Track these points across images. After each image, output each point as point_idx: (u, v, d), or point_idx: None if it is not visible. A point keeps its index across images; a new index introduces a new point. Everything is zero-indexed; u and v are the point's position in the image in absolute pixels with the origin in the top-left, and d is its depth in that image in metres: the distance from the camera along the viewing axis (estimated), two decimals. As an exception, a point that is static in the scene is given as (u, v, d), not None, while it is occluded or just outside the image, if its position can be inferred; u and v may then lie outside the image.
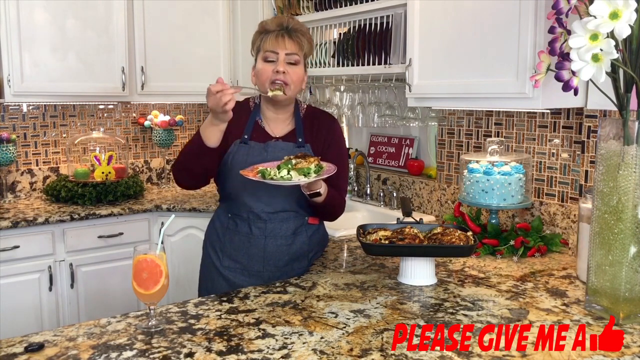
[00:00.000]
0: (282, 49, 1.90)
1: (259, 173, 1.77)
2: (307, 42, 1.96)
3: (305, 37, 1.95)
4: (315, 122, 2.03)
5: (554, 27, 1.47)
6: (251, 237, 1.97)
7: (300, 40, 1.93)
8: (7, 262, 2.75)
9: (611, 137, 1.45)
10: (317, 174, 1.76)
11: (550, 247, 2.13)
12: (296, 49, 1.92)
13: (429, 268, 1.76)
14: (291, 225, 1.99)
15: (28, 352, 1.28)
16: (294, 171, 1.74)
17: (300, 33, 1.94)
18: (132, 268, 1.42)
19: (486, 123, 2.52)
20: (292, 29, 1.93)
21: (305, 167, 1.75)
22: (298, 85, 1.95)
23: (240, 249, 1.99)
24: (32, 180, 3.40)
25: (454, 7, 2.13)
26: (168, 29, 3.41)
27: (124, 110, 3.73)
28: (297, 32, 1.93)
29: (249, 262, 1.99)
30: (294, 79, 1.92)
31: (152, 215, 3.15)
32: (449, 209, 2.69)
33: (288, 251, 1.99)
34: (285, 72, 1.90)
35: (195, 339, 1.35)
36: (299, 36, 1.93)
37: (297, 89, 1.95)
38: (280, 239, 1.98)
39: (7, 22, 2.91)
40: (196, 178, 1.96)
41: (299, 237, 2.00)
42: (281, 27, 1.93)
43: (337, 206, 2.00)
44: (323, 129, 2.02)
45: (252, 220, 1.97)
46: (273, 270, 1.98)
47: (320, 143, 2.01)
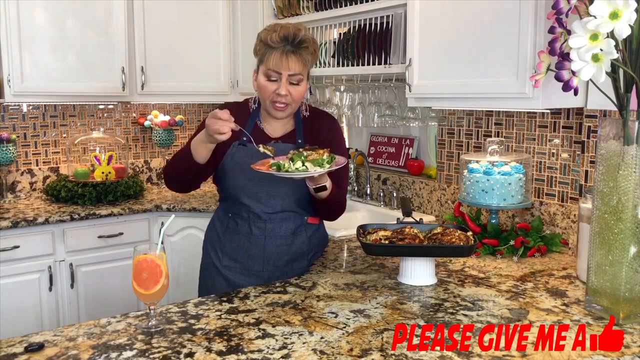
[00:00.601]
0: (286, 70, 1.83)
1: (272, 166, 1.73)
2: (311, 55, 1.89)
3: (310, 50, 1.87)
4: (315, 122, 2.02)
5: (554, 27, 1.47)
6: (251, 236, 1.98)
7: (304, 58, 1.86)
8: (7, 262, 2.75)
9: (611, 137, 1.45)
10: (330, 165, 1.73)
11: (550, 247, 2.13)
12: (300, 69, 1.85)
13: (429, 268, 1.76)
14: (291, 225, 1.99)
15: (28, 352, 1.28)
16: (308, 162, 1.71)
17: (304, 47, 1.85)
18: (132, 268, 1.42)
19: (486, 123, 2.52)
20: (297, 44, 1.84)
21: (318, 158, 1.72)
22: (299, 102, 1.93)
23: (240, 249, 1.99)
24: (32, 180, 3.40)
25: (454, 7, 2.13)
26: (168, 29, 3.41)
27: (124, 110, 3.73)
28: (302, 47, 1.85)
29: (249, 262, 1.99)
30: (295, 98, 1.89)
31: (152, 215, 3.15)
32: (449, 209, 2.69)
33: (288, 251, 1.99)
34: (287, 94, 1.86)
35: (195, 339, 1.35)
36: (302, 53, 1.85)
37: (297, 106, 1.94)
38: (279, 238, 1.98)
39: (7, 22, 2.91)
40: (186, 184, 1.99)
41: (299, 237, 2.00)
42: (286, 42, 1.84)
43: (338, 204, 1.99)
44: (323, 129, 2.01)
45: (252, 220, 1.97)
46: (272, 270, 1.98)
47: (321, 143, 1.98)
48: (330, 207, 1.98)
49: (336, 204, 1.98)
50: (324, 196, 1.87)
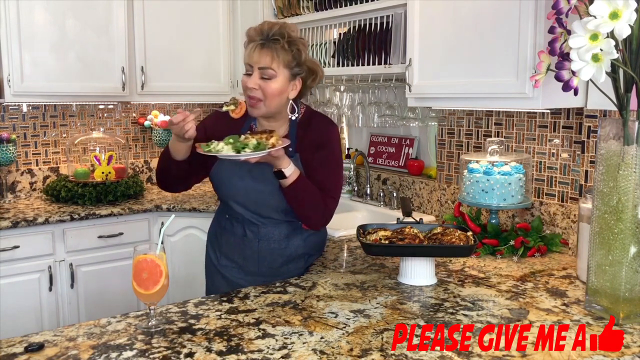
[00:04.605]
0: (256, 63, 1.80)
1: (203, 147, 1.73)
2: (283, 51, 1.80)
3: (281, 45, 1.80)
4: (308, 128, 1.94)
5: (554, 27, 1.47)
6: (245, 239, 1.97)
7: (274, 52, 1.79)
8: (7, 262, 2.75)
9: (611, 137, 1.45)
10: (255, 150, 1.68)
11: (550, 247, 2.13)
12: (269, 63, 1.79)
13: (429, 268, 1.76)
14: (284, 230, 1.96)
15: (28, 352, 1.28)
16: (228, 145, 1.69)
17: (275, 41, 1.80)
18: (132, 268, 1.42)
19: (486, 123, 2.52)
20: (269, 37, 1.80)
21: (246, 142, 1.69)
22: (274, 99, 1.83)
23: (236, 250, 2.00)
24: (32, 180, 3.40)
25: (454, 7, 2.13)
26: (168, 29, 3.41)
27: (124, 110, 3.73)
28: (272, 40, 1.80)
29: (244, 263, 1.99)
30: (267, 93, 1.81)
31: (152, 215, 3.15)
32: (449, 209, 2.69)
33: (282, 254, 1.97)
34: (257, 88, 1.81)
35: (195, 339, 1.35)
36: (272, 47, 1.80)
37: (274, 103, 1.84)
38: (273, 242, 1.96)
39: (7, 22, 2.91)
40: (172, 183, 2.00)
41: (294, 241, 1.97)
42: (261, 35, 1.81)
43: (311, 204, 1.85)
44: (313, 134, 1.93)
45: (246, 224, 1.97)
46: (268, 271, 1.98)
47: (308, 148, 1.91)
48: (300, 204, 1.85)
49: (309, 202, 1.85)
50: (285, 185, 1.80)
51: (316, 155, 1.91)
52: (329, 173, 1.91)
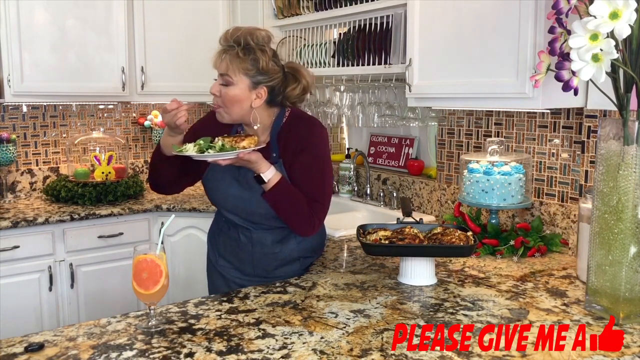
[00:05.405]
0: (216, 68, 1.83)
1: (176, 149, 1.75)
2: (237, 58, 1.77)
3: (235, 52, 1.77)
4: (291, 131, 1.88)
5: (554, 27, 1.47)
6: (240, 242, 1.98)
7: (229, 59, 1.77)
8: (7, 262, 2.74)
9: (611, 137, 1.45)
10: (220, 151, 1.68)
11: (550, 247, 2.13)
12: (225, 69, 1.78)
13: (429, 268, 1.76)
14: (277, 236, 1.94)
15: (28, 352, 1.28)
16: (196, 146, 1.72)
17: (230, 47, 1.78)
18: (132, 268, 1.42)
19: (486, 123, 2.52)
20: (230, 44, 1.79)
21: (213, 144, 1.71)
22: (232, 106, 1.80)
23: (232, 252, 2.01)
24: (32, 180, 3.40)
25: (454, 7, 2.13)
26: (168, 29, 3.41)
27: (124, 110, 3.73)
28: (228, 47, 1.79)
29: (240, 265, 2.00)
30: (224, 100, 1.80)
31: (152, 215, 3.15)
32: (449, 209, 2.69)
33: (276, 257, 1.95)
34: (218, 95, 1.81)
35: (195, 339, 1.35)
36: (230, 53, 1.78)
37: (233, 111, 1.82)
38: (266, 247, 1.95)
39: (7, 22, 2.91)
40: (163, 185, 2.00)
41: (287, 245, 1.95)
42: (224, 41, 1.81)
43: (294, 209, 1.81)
44: (294, 136, 1.86)
45: (240, 228, 1.97)
46: (264, 272, 1.97)
47: (289, 153, 1.86)
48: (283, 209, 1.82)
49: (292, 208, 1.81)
50: (265, 189, 1.79)
51: (297, 159, 1.85)
52: (312, 177, 1.86)
